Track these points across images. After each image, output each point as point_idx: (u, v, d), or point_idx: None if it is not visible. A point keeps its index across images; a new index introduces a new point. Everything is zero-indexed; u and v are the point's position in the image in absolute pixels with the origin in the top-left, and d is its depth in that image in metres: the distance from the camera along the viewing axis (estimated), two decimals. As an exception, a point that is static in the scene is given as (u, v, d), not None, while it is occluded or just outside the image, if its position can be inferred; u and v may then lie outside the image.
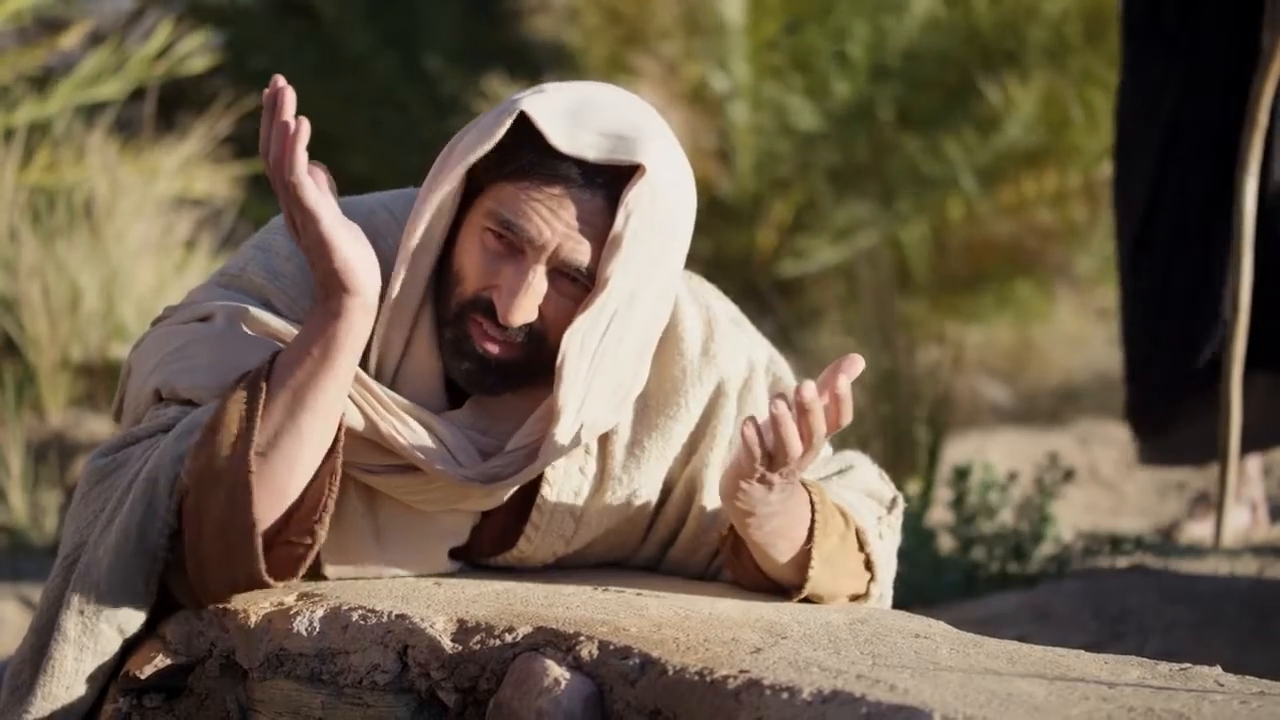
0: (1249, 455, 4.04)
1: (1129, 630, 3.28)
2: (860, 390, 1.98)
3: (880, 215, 7.55)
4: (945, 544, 3.96)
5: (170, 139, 6.27)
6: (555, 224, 1.98)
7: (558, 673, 1.82)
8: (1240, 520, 4.10)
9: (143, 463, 2.00)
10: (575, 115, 1.99)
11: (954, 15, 7.48)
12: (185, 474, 1.95)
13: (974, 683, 1.70)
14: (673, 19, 7.46)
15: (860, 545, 2.18)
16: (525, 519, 2.15)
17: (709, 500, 2.19)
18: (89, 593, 1.97)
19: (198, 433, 1.96)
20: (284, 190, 1.91)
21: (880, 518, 2.23)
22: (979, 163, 7.37)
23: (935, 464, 4.70)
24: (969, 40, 7.46)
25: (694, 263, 2.39)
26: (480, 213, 2.01)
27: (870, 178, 7.62)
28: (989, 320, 7.65)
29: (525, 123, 1.98)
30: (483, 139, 1.99)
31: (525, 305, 1.99)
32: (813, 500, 2.09)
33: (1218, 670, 1.86)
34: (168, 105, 6.84)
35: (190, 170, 6.07)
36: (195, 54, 5.87)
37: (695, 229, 2.10)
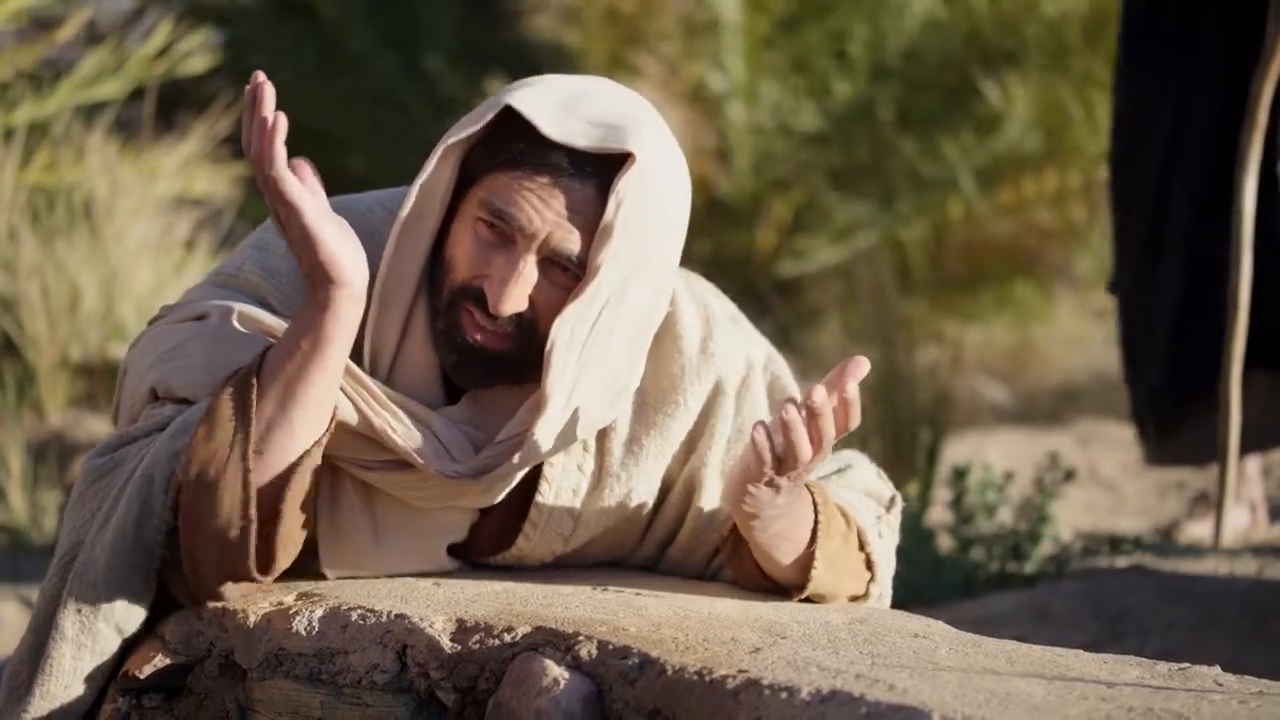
0: (1249, 455, 4.04)
1: (1128, 630, 3.28)
2: (859, 390, 1.97)
3: (880, 215, 7.55)
4: (944, 544, 3.96)
5: (170, 139, 6.26)
6: (546, 212, 1.98)
7: (557, 672, 1.82)
8: (1240, 520, 4.10)
9: (139, 461, 2.00)
10: (566, 105, 2.00)
11: (954, 15, 7.48)
12: (180, 471, 1.95)
13: (973, 682, 1.70)
14: (672, 18, 7.47)
15: (860, 545, 2.18)
16: (524, 517, 2.15)
17: (708, 500, 2.19)
18: (86, 591, 1.97)
19: (192, 430, 1.96)
20: (265, 185, 1.91)
21: (879, 517, 2.23)
22: (978, 164, 7.38)
23: (934, 464, 4.70)
24: (969, 41, 7.46)
25: (693, 263, 2.39)
26: (473, 203, 2.02)
27: (870, 178, 7.63)
28: (988, 320, 7.64)
29: (518, 113, 1.99)
30: (470, 124, 2.00)
31: (516, 294, 1.99)
32: (815, 501, 2.09)
33: (1216, 670, 1.86)
34: (167, 105, 6.83)
35: (190, 170, 6.06)
36: (195, 54, 5.86)
37: (694, 229, 2.09)
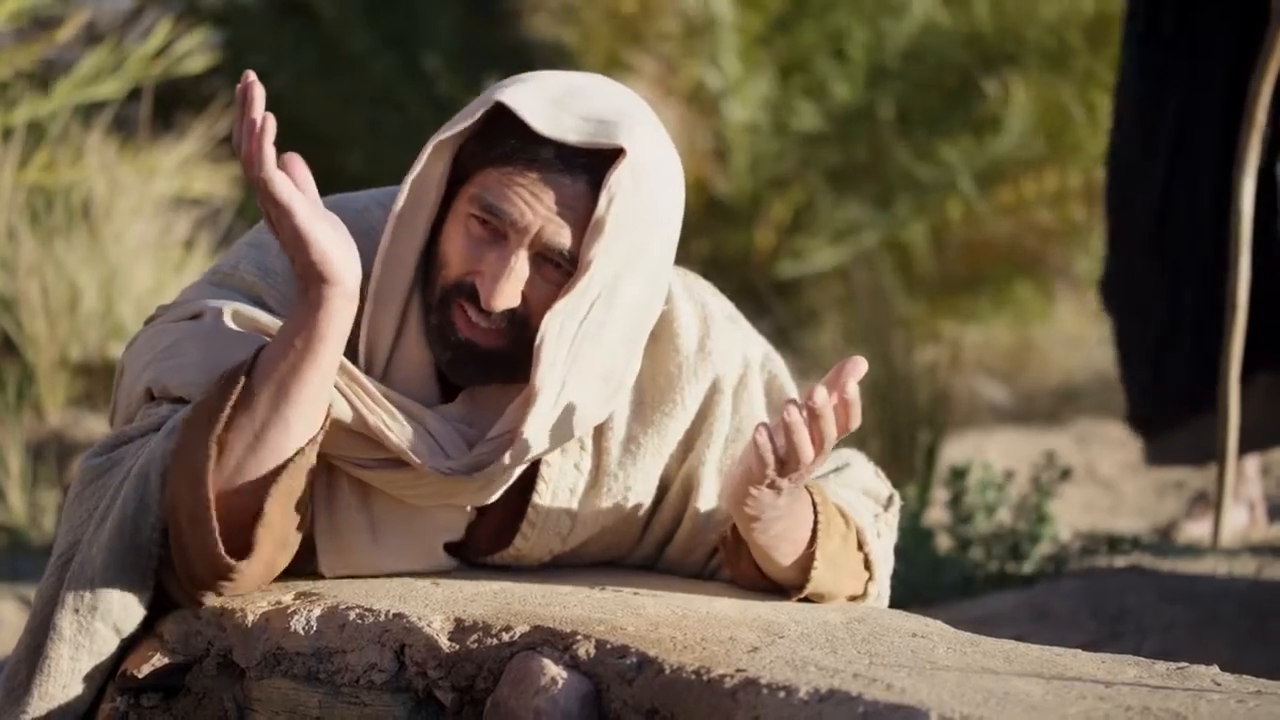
0: (1247, 455, 4.04)
1: (1127, 630, 3.28)
2: (858, 390, 1.97)
3: (879, 216, 7.55)
4: (943, 543, 3.96)
5: (169, 139, 6.26)
6: (537, 206, 1.97)
7: (555, 672, 1.82)
8: (1238, 520, 4.10)
9: (135, 461, 2.00)
10: (559, 100, 2.00)
11: (954, 16, 7.48)
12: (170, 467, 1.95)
13: (971, 682, 1.69)
14: (671, 18, 7.47)
15: (859, 545, 2.18)
16: (522, 517, 2.15)
17: (705, 499, 2.19)
18: (84, 590, 1.97)
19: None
20: (256, 186, 1.90)
21: (877, 515, 2.23)
22: (978, 165, 7.38)
23: (933, 464, 4.70)
24: (968, 42, 7.46)
25: (691, 263, 2.39)
26: (465, 200, 2.02)
27: (869, 178, 7.63)
28: (988, 320, 7.65)
29: (510, 109, 1.99)
30: (462, 120, 2.01)
31: (508, 290, 1.99)
32: (815, 502, 2.09)
33: (1215, 670, 1.86)
34: (166, 105, 6.83)
35: (189, 170, 6.06)
36: (194, 53, 5.85)
37: (693, 229, 2.09)
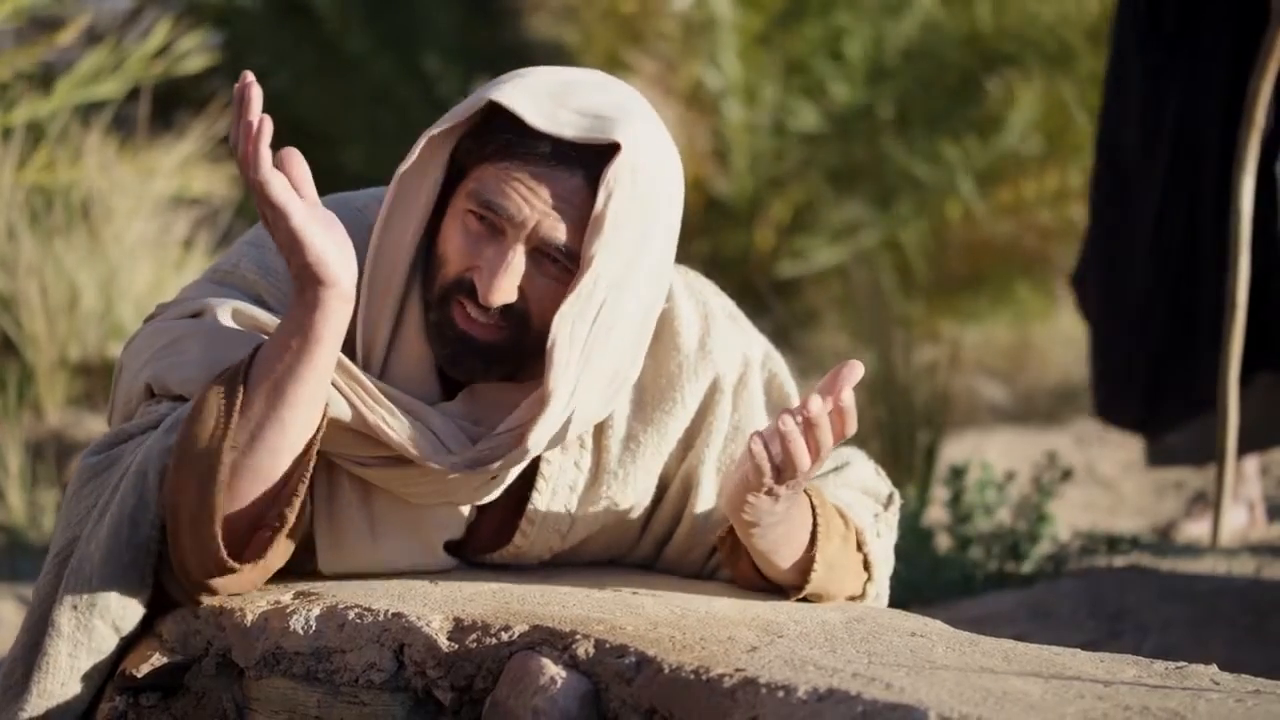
0: (1247, 455, 4.04)
1: (1126, 629, 3.28)
2: (858, 390, 1.97)
3: (878, 216, 7.55)
4: (942, 543, 3.95)
5: (168, 138, 6.26)
6: (534, 201, 1.98)
7: (554, 671, 1.82)
8: (1238, 520, 4.10)
9: (134, 458, 2.00)
10: (555, 95, 2.00)
11: (953, 16, 7.48)
12: (169, 465, 1.95)
13: (970, 681, 1.69)
14: (670, 18, 7.47)
15: (859, 545, 2.18)
16: (521, 514, 2.15)
17: (705, 499, 2.19)
18: (82, 588, 1.97)
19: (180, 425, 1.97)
20: (252, 188, 1.90)
21: (877, 515, 2.23)
22: (978, 165, 7.38)
23: (933, 463, 4.69)
24: (968, 42, 7.46)
25: (692, 263, 2.38)
26: (462, 196, 2.02)
27: (869, 178, 7.63)
28: (987, 320, 7.65)
29: (505, 105, 1.99)
30: (455, 116, 2.01)
31: (505, 285, 1.99)
32: (813, 505, 2.09)
33: (1214, 669, 1.85)
34: (165, 104, 6.82)
35: (188, 169, 6.06)
36: (193, 53, 5.85)
37: (693, 229, 2.09)
